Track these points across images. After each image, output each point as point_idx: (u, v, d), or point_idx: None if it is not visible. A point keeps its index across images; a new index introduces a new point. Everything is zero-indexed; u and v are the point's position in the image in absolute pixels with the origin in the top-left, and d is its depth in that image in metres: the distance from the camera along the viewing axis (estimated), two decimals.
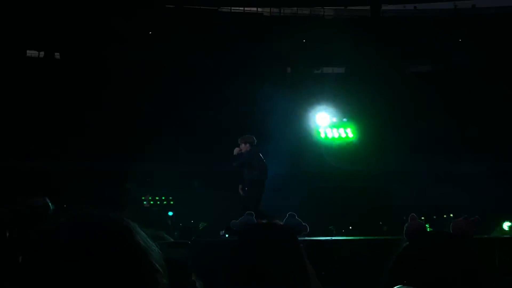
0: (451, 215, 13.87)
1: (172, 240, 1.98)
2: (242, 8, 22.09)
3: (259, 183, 7.29)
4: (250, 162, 7.20)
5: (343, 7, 22.41)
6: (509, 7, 20.38)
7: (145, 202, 15.63)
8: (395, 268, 1.40)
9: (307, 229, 1.59)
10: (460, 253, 1.38)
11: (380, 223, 12.07)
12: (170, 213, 14.44)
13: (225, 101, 17.98)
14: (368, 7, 22.30)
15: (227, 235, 6.29)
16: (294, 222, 1.57)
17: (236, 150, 7.30)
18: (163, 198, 16.39)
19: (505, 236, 8.94)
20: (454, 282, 1.31)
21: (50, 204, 1.77)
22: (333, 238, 7.20)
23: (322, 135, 13.56)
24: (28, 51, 21.63)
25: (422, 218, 11.74)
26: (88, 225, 0.77)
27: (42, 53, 21.78)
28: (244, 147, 7.23)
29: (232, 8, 21.85)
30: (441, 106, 18.53)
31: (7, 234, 1.58)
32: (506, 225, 10.83)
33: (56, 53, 21.71)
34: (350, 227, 11.44)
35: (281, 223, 1.55)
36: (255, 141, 7.36)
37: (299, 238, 1.62)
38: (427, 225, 1.71)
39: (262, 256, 1.39)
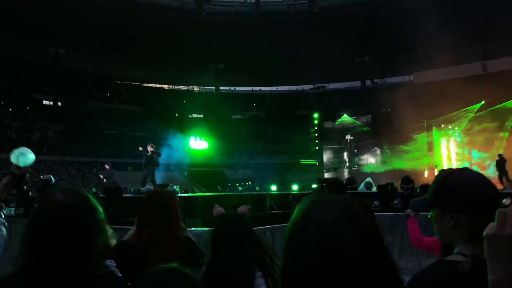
0: (249, 183, 29.57)
1: None
2: None
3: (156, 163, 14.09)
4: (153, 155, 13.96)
5: None
6: None
7: None
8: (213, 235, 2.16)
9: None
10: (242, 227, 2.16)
11: (218, 187, 26.64)
12: None
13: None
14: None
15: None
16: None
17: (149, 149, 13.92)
18: None
19: None
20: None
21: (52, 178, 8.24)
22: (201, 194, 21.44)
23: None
24: None
25: (237, 184, 27.02)
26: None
27: None
28: (150, 148, 13.97)
29: None
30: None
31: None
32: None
33: None
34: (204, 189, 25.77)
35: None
36: (154, 146, 14.20)
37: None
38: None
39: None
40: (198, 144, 30.85)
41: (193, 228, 7.65)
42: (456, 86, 21.96)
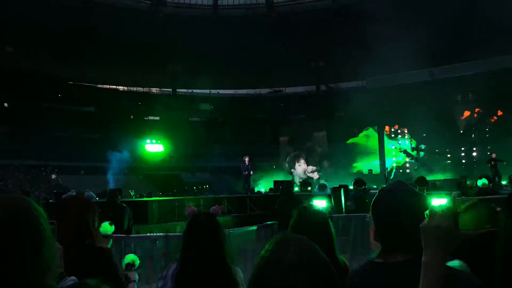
0: (206, 186, 29.40)
1: None
2: None
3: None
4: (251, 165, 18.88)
5: None
6: None
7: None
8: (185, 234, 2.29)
9: None
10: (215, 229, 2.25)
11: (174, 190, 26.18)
12: None
13: None
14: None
15: None
16: None
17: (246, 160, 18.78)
18: None
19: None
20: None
21: None
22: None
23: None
24: None
25: (194, 188, 26.77)
26: None
27: None
28: (247, 160, 18.82)
29: None
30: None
31: None
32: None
33: None
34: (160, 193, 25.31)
35: None
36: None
37: None
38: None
39: None
40: (154, 147, 30.40)
41: (149, 234, 7.56)
42: (405, 92, 22.93)
